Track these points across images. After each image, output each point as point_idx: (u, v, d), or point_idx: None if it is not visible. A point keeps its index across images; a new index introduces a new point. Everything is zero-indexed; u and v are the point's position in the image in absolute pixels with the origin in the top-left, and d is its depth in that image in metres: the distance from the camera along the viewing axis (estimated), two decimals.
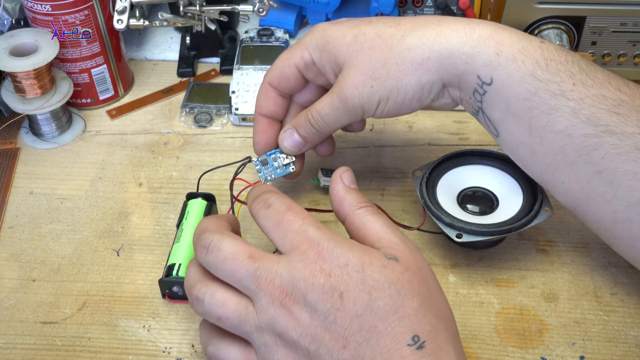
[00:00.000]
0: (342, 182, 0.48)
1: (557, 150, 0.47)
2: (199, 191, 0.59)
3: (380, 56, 0.50)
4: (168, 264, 0.54)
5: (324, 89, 0.56)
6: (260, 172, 0.58)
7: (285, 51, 0.56)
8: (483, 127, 0.68)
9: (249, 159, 0.58)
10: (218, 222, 0.47)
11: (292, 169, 0.58)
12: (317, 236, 0.42)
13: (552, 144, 0.47)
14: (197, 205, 0.57)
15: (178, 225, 0.57)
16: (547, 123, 0.47)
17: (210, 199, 0.58)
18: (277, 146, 0.58)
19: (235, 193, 0.55)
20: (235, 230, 0.49)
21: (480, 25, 0.49)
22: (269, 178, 0.58)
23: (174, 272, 0.53)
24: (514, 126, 0.49)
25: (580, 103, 0.46)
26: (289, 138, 0.56)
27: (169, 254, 0.55)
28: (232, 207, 0.59)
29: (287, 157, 0.58)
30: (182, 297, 0.54)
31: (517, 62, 0.47)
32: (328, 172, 0.59)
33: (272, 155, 0.58)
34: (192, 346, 0.52)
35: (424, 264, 0.44)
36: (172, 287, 0.53)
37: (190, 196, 0.58)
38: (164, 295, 0.54)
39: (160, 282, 0.53)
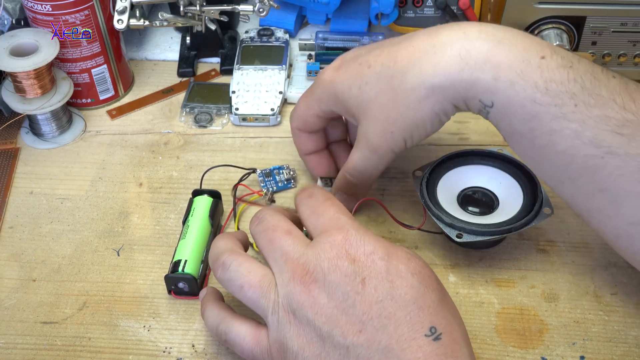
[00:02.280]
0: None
1: (559, 167, 0.47)
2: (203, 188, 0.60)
3: (389, 101, 0.50)
4: (174, 260, 0.54)
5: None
6: (263, 183, 0.62)
7: (302, 97, 0.58)
8: (483, 127, 0.68)
9: (253, 170, 0.62)
10: (280, 213, 0.49)
11: (293, 185, 0.63)
12: (347, 223, 0.44)
13: (555, 161, 0.47)
14: (204, 202, 0.57)
15: (184, 222, 0.57)
16: (549, 142, 0.46)
17: (216, 195, 0.58)
18: (333, 170, 0.61)
19: (236, 199, 0.59)
20: (245, 245, 0.51)
21: (477, 44, 0.47)
22: (271, 189, 0.62)
23: (180, 269, 0.53)
24: (518, 142, 0.49)
25: (582, 125, 0.45)
26: (343, 201, 0.56)
27: (175, 250, 0.55)
28: (234, 209, 0.60)
29: (289, 173, 0.63)
30: (187, 294, 0.54)
31: (515, 87, 0.46)
32: (327, 181, 0.60)
33: (276, 170, 0.63)
34: (193, 346, 0.52)
35: (432, 270, 0.44)
36: (177, 283, 0.53)
37: (196, 193, 0.59)
38: (169, 292, 0.54)
39: (166, 278, 0.53)
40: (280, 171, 0.63)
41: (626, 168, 0.44)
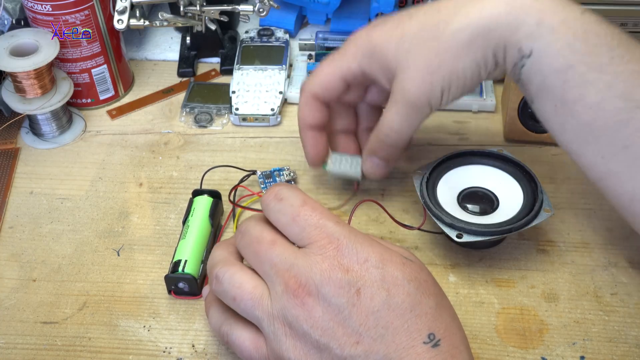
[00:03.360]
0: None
1: (586, 123, 0.47)
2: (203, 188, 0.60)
3: (431, 48, 0.50)
4: (174, 260, 0.54)
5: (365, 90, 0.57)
6: (263, 185, 0.62)
7: (326, 61, 0.55)
8: (483, 127, 0.68)
9: (253, 172, 0.62)
10: (263, 222, 0.47)
11: (292, 182, 0.62)
12: (336, 231, 0.42)
13: (582, 117, 0.47)
14: (204, 202, 0.57)
15: (184, 222, 0.57)
16: (579, 96, 0.47)
17: (216, 195, 0.58)
18: (324, 156, 0.59)
19: (236, 200, 0.58)
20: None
21: None
22: None
23: (180, 269, 0.53)
24: (547, 100, 0.48)
25: (615, 77, 0.46)
26: (375, 167, 0.55)
27: (175, 250, 0.55)
28: (232, 211, 0.60)
29: (289, 174, 0.63)
30: (187, 294, 0.54)
31: (556, 33, 0.47)
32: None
33: (276, 172, 0.62)
34: (193, 346, 0.52)
35: (429, 271, 0.44)
36: (177, 284, 0.53)
37: (196, 193, 0.59)
38: (169, 292, 0.54)
39: (166, 278, 0.53)
40: (281, 173, 0.63)
41: None
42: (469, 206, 0.57)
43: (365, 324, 0.40)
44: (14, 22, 0.71)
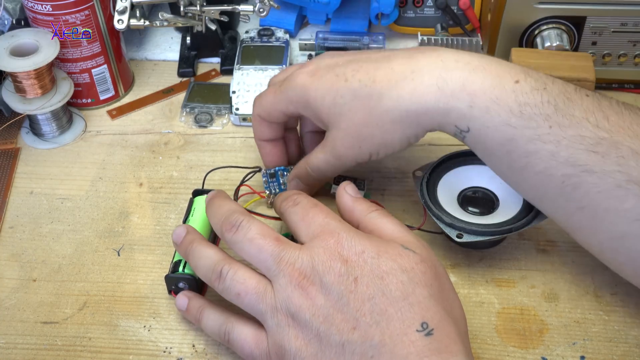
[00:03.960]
0: (347, 193, 0.50)
1: (538, 187, 0.48)
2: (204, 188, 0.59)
3: (361, 119, 0.51)
4: (174, 260, 0.54)
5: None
6: (266, 184, 0.61)
7: (270, 93, 0.57)
8: None
9: (258, 169, 0.61)
10: (241, 207, 0.50)
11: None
12: (338, 227, 0.45)
13: (533, 182, 0.48)
14: (204, 202, 0.57)
15: (184, 222, 0.57)
16: (526, 164, 0.47)
17: None
18: (286, 163, 0.61)
19: (238, 199, 0.58)
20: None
21: (454, 73, 0.48)
22: (273, 191, 0.61)
23: (180, 269, 0.53)
24: (496, 165, 0.50)
25: (557, 145, 0.46)
26: (297, 188, 0.58)
27: (175, 250, 0.55)
28: None
29: None
30: None
31: (490, 113, 0.47)
32: (339, 179, 0.61)
33: (280, 171, 0.61)
34: (193, 346, 0.52)
35: (438, 263, 0.46)
36: (178, 284, 0.53)
37: (197, 193, 0.58)
38: (170, 292, 0.54)
39: (167, 278, 0.53)
40: (285, 173, 0.61)
41: (603, 185, 0.45)
42: (469, 206, 0.57)
43: (361, 309, 0.42)
44: (14, 22, 0.71)
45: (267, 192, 0.60)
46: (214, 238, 0.57)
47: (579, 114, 0.46)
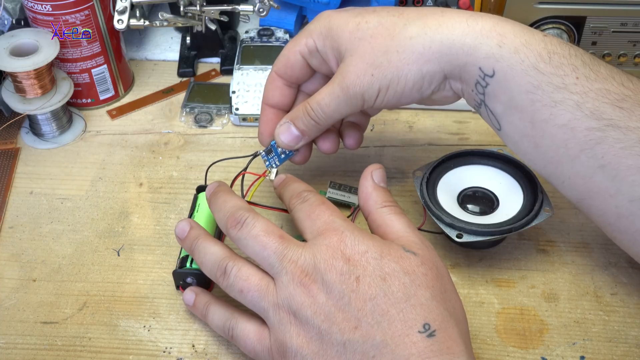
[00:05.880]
0: (371, 179, 0.49)
1: (559, 144, 0.47)
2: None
3: (382, 44, 0.50)
4: (181, 255, 0.54)
5: (330, 79, 0.56)
6: (266, 162, 0.59)
7: (291, 39, 0.56)
8: (483, 127, 0.68)
9: (257, 153, 0.59)
10: (246, 203, 0.50)
11: (294, 152, 0.58)
12: (342, 226, 0.45)
13: (555, 137, 0.47)
14: None
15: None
16: (549, 116, 0.46)
17: None
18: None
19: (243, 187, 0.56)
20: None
21: (484, 18, 0.48)
22: (274, 165, 0.59)
23: (188, 264, 0.53)
24: (517, 119, 0.48)
25: (583, 96, 0.45)
26: (286, 132, 0.55)
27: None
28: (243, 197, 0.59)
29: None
30: None
31: (519, 54, 0.47)
32: (335, 186, 0.60)
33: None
34: (193, 346, 0.52)
35: (441, 264, 0.45)
36: (186, 279, 0.53)
37: (201, 189, 0.58)
38: (177, 287, 0.54)
39: (175, 273, 0.53)
40: None
41: (626, 141, 0.44)
42: (469, 206, 0.57)
43: (363, 309, 0.42)
44: (14, 22, 0.71)
45: (269, 168, 0.58)
46: (219, 234, 0.56)
47: (605, 71, 0.46)
